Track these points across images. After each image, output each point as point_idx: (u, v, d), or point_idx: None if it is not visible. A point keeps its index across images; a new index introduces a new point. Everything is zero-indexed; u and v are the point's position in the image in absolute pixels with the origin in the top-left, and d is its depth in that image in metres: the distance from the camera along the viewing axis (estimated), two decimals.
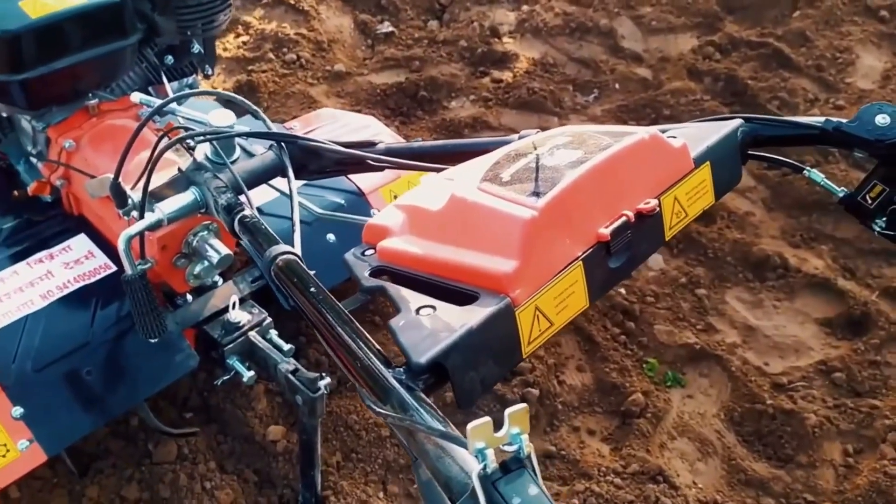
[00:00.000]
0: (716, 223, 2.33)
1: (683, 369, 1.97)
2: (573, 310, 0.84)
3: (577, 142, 0.92)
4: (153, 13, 1.56)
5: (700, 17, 3.14)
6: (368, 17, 3.00)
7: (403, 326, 0.76)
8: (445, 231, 0.84)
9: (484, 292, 0.78)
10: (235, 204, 1.10)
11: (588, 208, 0.85)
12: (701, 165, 0.96)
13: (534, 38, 3.03)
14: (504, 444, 0.61)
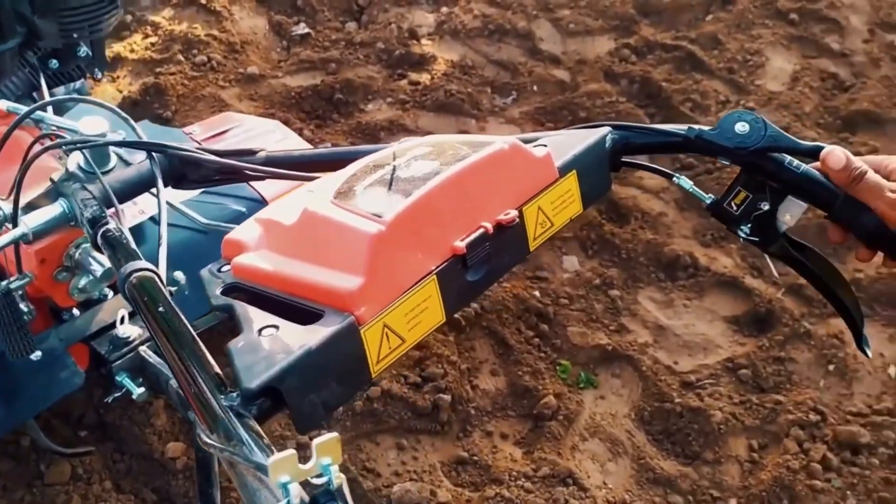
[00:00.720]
0: (629, 224, 2.35)
1: (596, 370, 1.98)
2: (428, 325, 0.81)
3: (435, 152, 0.91)
4: (33, 16, 1.48)
5: (617, 21, 3.18)
6: (284, 17, 2.95)
7: (241, 349, 0.72)
8: (297, 246, 0.82)
9: (329, 310, 0.75)
10: (100, 217, 1.04)
11: (442, 221, 0.83)
12: (567, 174, 0.95)
13: (452, 40, 3.02)
14: (313, 477, 0.59)
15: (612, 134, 1.04)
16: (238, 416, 0.68)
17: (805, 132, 2.59)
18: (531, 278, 2.18)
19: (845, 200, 0.94)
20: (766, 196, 0.99)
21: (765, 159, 0.98)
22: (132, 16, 2.79)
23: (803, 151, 0.98)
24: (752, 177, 0.99)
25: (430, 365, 1.88)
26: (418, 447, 1.78)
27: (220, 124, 1.93)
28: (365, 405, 1.77)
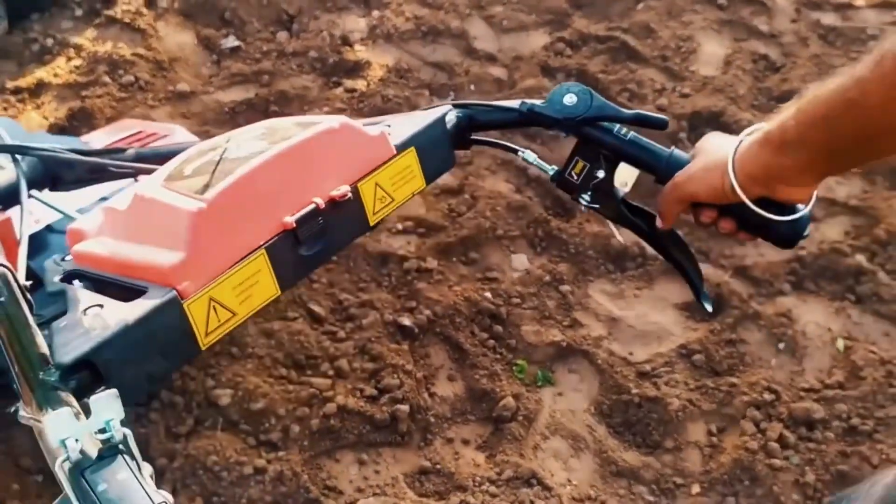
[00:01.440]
0: (575, 217, 2.35)
1: (553, 367, 1.97)
2: (261, 298, 0.85)
3: (267, 134, 0.95)
4: None
5: (550, 15, 3.18)
6: (212, 31, 2.88)
7: (63, 327, 0.75)
8: (129, 229, 0.85)
9: (152, 286, 0.78)
10: None
11: (268, 198, 0.85)
12: (404, 151, 1.00)
13: (386, 43, 2.99)
14: (96, 433, 0.61)
15: (455, 112, 1.10)
16: (53, 389, 0.70)
17: (741, 115, 2.62)
18: (481, 280, 2.16)
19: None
20: (601, 164, 1.05)
21: (595, 128, 1.03)
22: (53, 39, 2.70)
23: (627, 119, 1.04)
24: (588, 147, 1.04)
25: (385, 376, 1.85)
26: (379, 460, 1.75)
27: (120, 131, 1.88)
28: (322, 422, 1.74)
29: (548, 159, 1.14)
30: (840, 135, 0.85)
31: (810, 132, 0.87)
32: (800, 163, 0.90)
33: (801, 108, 0.88)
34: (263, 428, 1.72)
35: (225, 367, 1.81)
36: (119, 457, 0.61)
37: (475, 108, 1.12)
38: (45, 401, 0.68)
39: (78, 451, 0.59)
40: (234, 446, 1.67)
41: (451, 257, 2.21)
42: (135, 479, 0.60)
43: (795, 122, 0.88)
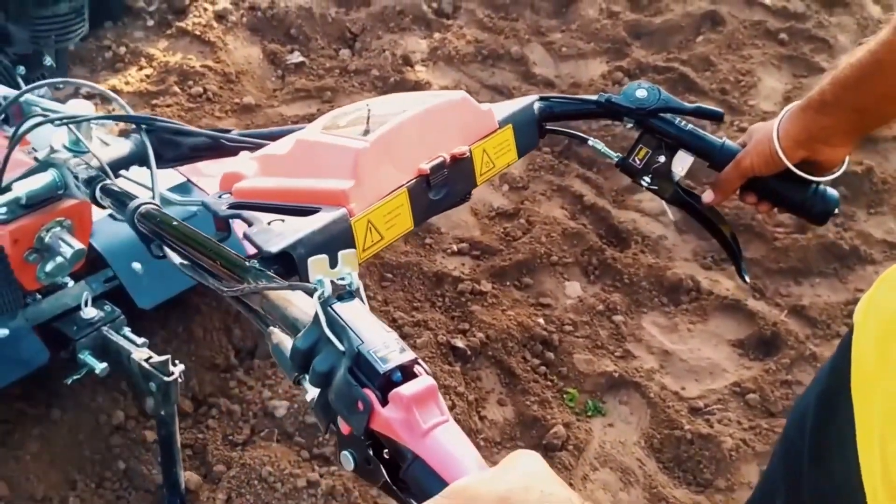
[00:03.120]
0: (630, 248, 2.36)
1: (603, 398, 1.97)
2: (400, 229, 1.00)
3: (401, 101, 1.14)
4: (6, 22, 1.57)
5: (609, 44, 3.20)
6: (278, 46, 2.95)
7: (256, 232, 0.91)
8: (292, 168, 1.01)
9: (325, 207, 0.94)
10: (96, 176, 1.17)
11: (410, 148, 1.03)
12: (504, 127, 1.16)
13: (446, 65, 3.02)
14: (338, 279, 0.73)
15: (538, 102, 1.26)
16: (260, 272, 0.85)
17: None
18: (534, 305, 2.17)
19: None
20: (663, 151, 1.22)
21: (659, 119, 1.20)
22: (126, 47, 2.78)
23: (688, 112, 1.23)
24: (651, 135, 1.22)
25: None
26: None
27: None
28: None
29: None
30: (870, 92, 0.99)
31: (845, 93, 1.01)
32: (837, 122, 1.05)
33: (836, 75, 1.02)
34: (317, 442, 1.74)
35: (281, 380, 1.84)
36: (355, 298, 0.73)
37: (555, 101, 1.27)
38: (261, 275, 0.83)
39: (329, 288, 0.72)
40: (288, 458, 1.69)
41: (504, 281, 2.22)
42: (367, 313, 0.72)
43: (832, 86, 1.03)
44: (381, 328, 0.69)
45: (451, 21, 3.24)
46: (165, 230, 0.97)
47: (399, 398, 0.64)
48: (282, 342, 0.83)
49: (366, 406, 0.65)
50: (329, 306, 0.71)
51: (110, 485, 1.60)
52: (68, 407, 1.65)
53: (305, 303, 0.78)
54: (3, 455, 1.56)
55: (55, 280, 1.50)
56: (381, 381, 0.65)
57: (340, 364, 0.68)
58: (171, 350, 1.82)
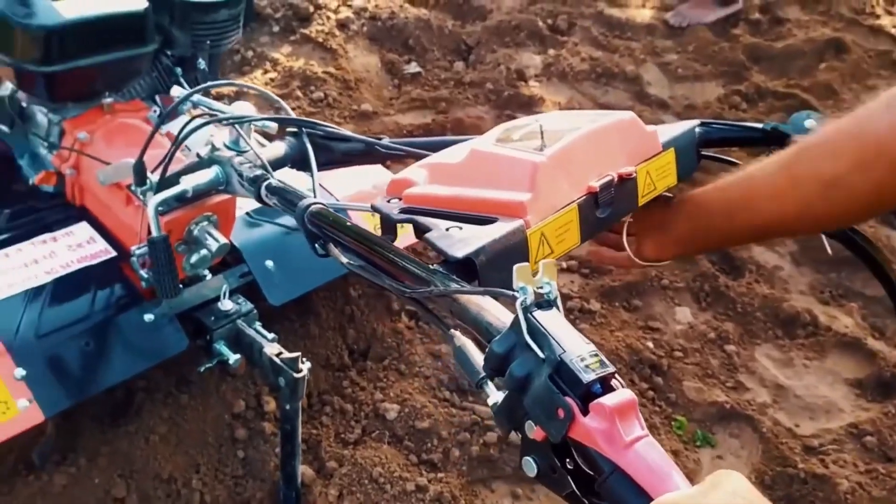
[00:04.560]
0: (744, 277, 2.31)
1: (713, 429, 1.93)
2: (569, 244, 1.01)
3: (571, 117, 1.16)
4: (170, 26, 1.65)
5: (726, 66, 3.15)
6: (396, 56, 3.01)
7: (437, 237, 0.92)
8: (466, 177, 1.02)
9: (502, 217, 0.94)
10: (261, 176, 1.22)
11: (582, 165, 1.03)
12: (667, 150, 1.15)
13: (560, 82, 3.03)
14: (537, 287, 0.74)
15: (699, 127, 1.24)
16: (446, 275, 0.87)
17: None
18: (643, 328, 2.15)
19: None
20: None
21: None
22: (253, 51, 2.89)
23: None
24: None
25: None
26: (533, 497, 1.77)
27: None
28: (482, 450, 1.77)
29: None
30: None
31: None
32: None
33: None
34: (426, 447, 1.77)
35: (393, 383, 1.87)
36: (554, 307, 0.74)
37: (716, 126, 1.26)
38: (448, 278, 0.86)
39: (531, 296, 0.73)
40: (397, 461, 1.72)
41: (613, 301, 2.21)
42: (567, 323, 0.73)
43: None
44: (581, 339, 0.71)
45: (565, 38, 3.25)
46: (338, 230, 1.01)
47: (602, 409, 0.64)
48: (465, 345, 0.85)
49: (567, 414, 0.66)
50: (530, 313, 0.72)
51: (230, 471, 1.66)
52: (195, 393, 1.72)
53: (497, 308, 0.80)
54: (134, 433, 1.64)
55: (197, 271, 1.58)
56: (582, 391, 0.66)
57: (540, 371, 0.69)
58: (288, 345, 1.88)
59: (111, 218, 1.63)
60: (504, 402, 0.74)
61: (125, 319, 1.51)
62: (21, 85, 1.54)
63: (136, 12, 1.55)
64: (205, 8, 1.60)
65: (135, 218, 1.53)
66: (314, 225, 1.04)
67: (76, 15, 1.48)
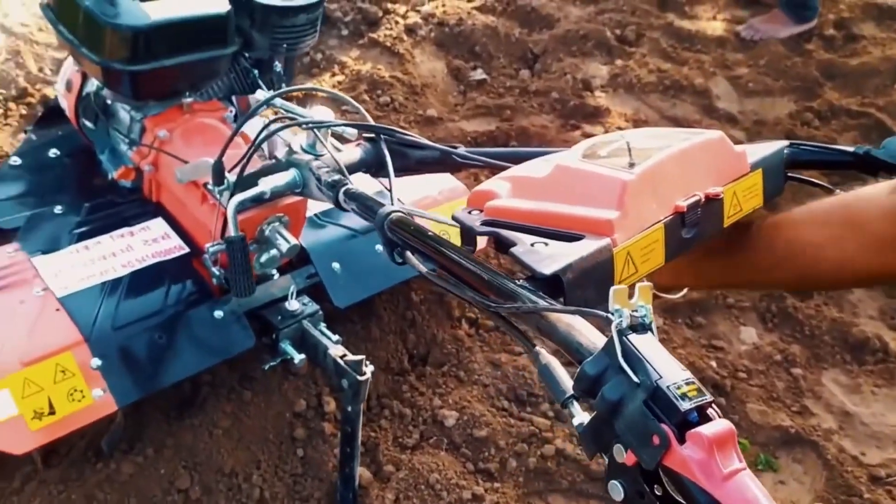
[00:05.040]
0: (813, 299, 2.25)
1: (776, 453, 1.89)
2: (653, 264, 0.99)
3: (660, 135, 1.14)
4: (251, 29, 1.68)
5: (799, 82, 3.08)
6: (462, 62, 3.02)
7: (524, 252, 0.91)
8: (550, 192, 1.02)
9: (588, 235, 0.94)
10: (339, 181, 1.23)
11: (671, 184, 1.02)
12: (755, 171, 1.13)
13: (626, 93, 3.00)
14: (633, 311, 0.74)
15: (787, 148, 1.21)
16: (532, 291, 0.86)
17: None
18: (706, 346, 2.11)
19: None
20: None
21: None
22: (322, 54, 2.92)
23: None
24: None
25: None
26: None
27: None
28: (539, 462, 1.76)
29: None
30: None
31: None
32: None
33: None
34: (483, 456, 1.76)
35: (452, 390, 1.88)
36: (649, 332, 0.74)
37: (805, 148, 1.23)
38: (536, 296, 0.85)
39: (627, 319, 0.73)
40: (454, 468, 1.72)
41: (676, 318, 2.18)
42: (662, 349, 0.72)
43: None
44: (678, 366, 0.70)
45: (633, 49, 3.22)
46: (418, 240, 1.00)
47: (700, 438, 0.63)
48: (551, 363, 0.85)
49: (662, 441, 0.65)
50: (625, 336, 0.72)
51: (289, 469, 1.68)
52: (258, 390, 1.75)
53: (587, 328, 0.80)
54: (198, 426, 1.67)
55: (266, 271, 1.61)
56: (678, 419, 0.65)
57: (634, 396, 0.69)
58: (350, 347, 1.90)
59: (186, 215, 1.66)
60: (591, 424, 0.74)
61: (196, 315, 1.54)
62: (107, 83, 1.58)
63: (219, 14, 1.58)
64: (284, 12, 1.62)
65: (209, 216, 1.56)
66: (394, 233, 1.04)
67: (162, 16, 1.51)
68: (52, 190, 1.76)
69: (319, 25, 1.74)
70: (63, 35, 1.56)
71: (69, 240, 1.60)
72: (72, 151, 1.88)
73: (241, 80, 1.76)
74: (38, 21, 2.69)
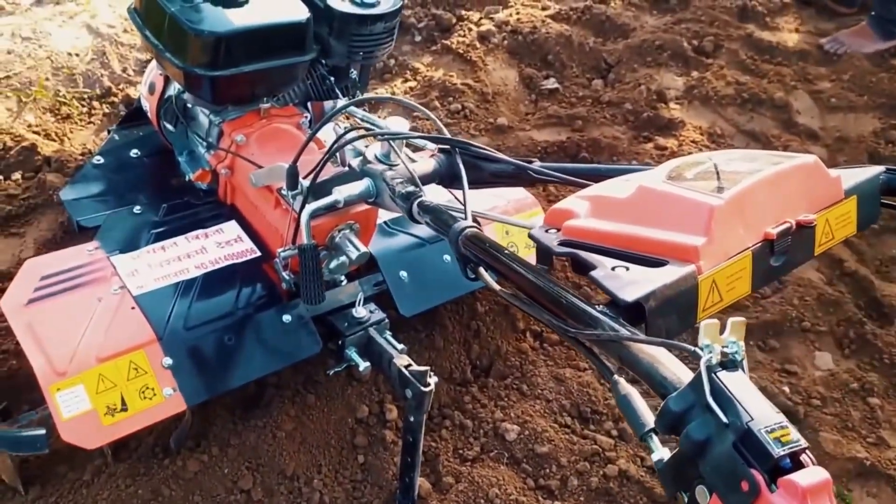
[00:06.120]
0: (894, 325, 2.16)
1: (850, 485, 1.81)
2: (739, 292, 0.96)
3: (750, 157, 1.10)
4: (329, 36, 1.69)
5: (884, 98, 2.97)
6: (534, 71, 2.99)
7: (604, 276, 0.90)
8: (632, 214, 0.99)
9: (673, 261, 0.91)
10: (414, 192, 1.23)
11: (760, 209, 0.98)
12: (849, 197, 1.10)
13: (702, 106, 2.93)
14: (723, 347, 0.71)
15: (885, 174, 1.17)
16: (612, 318, 0.84)
17: None
18: (779, 371, 2.04)
19: None
20: None
21: None
22: (395, 60, 2.94)
23: None
24: None
25: None
26: None
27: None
28: (601, 482, 1.72)
29: None
30: None
31: None
32: None
33: None
34: (544, 472, 1.74)
35: (514, 403, 1.86)
36: (739, 370, 0.72)
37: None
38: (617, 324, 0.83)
39: (717, 355, 0.71)
40: (514, 483, 1.70)
41: (748, 340, 2.11)
42: (754, 388, 0.70)
43: None
44: (770, 407, 0.67)
45: (710, 60, 3.14)
46: (493, 258, 0.99)
47: (793, 487, 0.61)
48: (630, 394, 0.82)
49: (752, 488, 0.62)
50: (714, 373, 0.69)
51: (349, 475, 1.69)
52: (321, 394, 1.76)
53: (671, 360, 0.77)
54: (262, 428, 1.69)
55: (335, 277, 1.62)
56: (770, 465, 0.62)
57: (722, 437, 0.66)
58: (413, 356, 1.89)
59: (258, 219, 1.69)
60: (673, 461, 0.71)
61: (265, 318, 1.56)
62: (188, 86, 1.62)
63: (298, 22, 1.60)
64: (363, 20, 1.63)
65: (281, 221, 1.58)
66: (468, 248, 1.02)
67: (243, 23, 1.54)
68: (131, 189, 1.81)
69: (396, 34, 1.74)
70: (148, 39, 1.60)
71: (146, 240, 1.64)
72: (152, 152, 1.93)
73: (318, 86, 1.78)
74: (124, 23, 2.77)
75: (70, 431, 1.30)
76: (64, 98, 2.45)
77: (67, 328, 1.40)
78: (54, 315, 1.42)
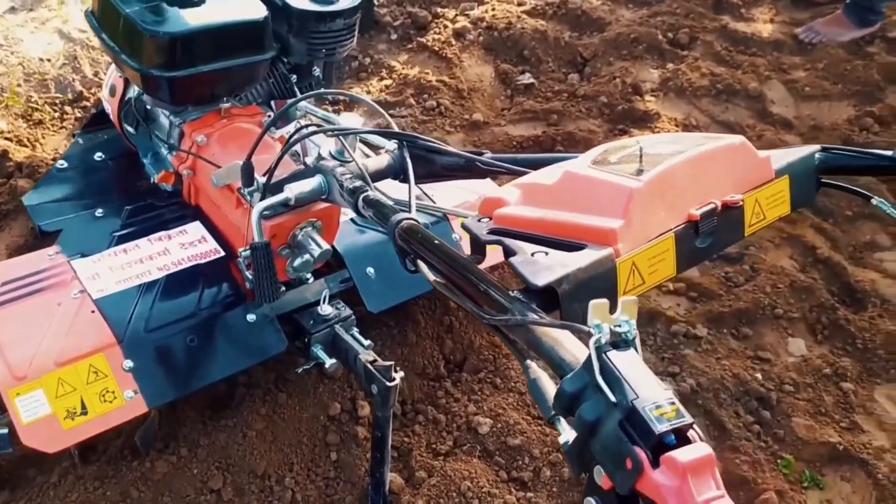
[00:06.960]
0: (867, 310, 2.16)
1: (823, 470, 1.82)
2: (662, 275, 0.96)
3: (675, 140, 1.09)
4: (288, 34, 1.70)
5: (858, 86, 2.97)
6: (510, 66, 2.99)
7: (521, 262, 0.90)
8: (557, 200, 0.99)
9: (591, 244, 0.91)
10: (360, 187, 1.22)
11: (683, 191, 0.98)
12: (780, 177, 1.09)
13: (677, 97, 2.94)
14: (615, 326, 0.71)
15: (819, 153, 1.17)
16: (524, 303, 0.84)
17: None
18: (752, 358, 2.05)
19: None
20: None
21: None
22: (370, 58, 2.94)
23: None
24: None
25: None
26: None
27: None
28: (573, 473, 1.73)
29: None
30: None
31: None
32: None
33: None
34: (517, 465, 1.74)
35: (487, 397, 1.86)
36: (631, 348, 0.71)
37: (839, 153, 1.18)
38: (526, 309, 0.83)
39: (607, 334, 0.71)
40: (487, 476, 1.71)
41: (722, 328, 2.11)
42: (643, 366, 0.70)
43: None
44: (657, 384, 0.67)
45: (685, 52, 3.15)
46: (426, 249, 0.99)
47: (673, 463, 0.60)
48: (539, 378, 0.82)
49: (635, 465, 0.62)
50: (604, 353, 0.69)
51: (322, 472, 1.69)
52: (293, 392, 1.76)
53: (574, 344, 0.77)
54: (232, 427, 1.69)
55: (299, 275, 1.62)
56: (653, 442, 0.62)
57: (610, 416, 0.66)
58: (385, 351, 1.90)
59: (221, 219, 1.69)
60: (575, 444, 0.71)
61: (229, 318, 1.56)
62: (146, 89, 1.62)
63: (255, 21, 1.60)
64: (322, 17, 1.64)
65: (243, 220, 1.58)
66: (404, 240, 1.03)
67: (199, 23, 1.54)
68: (95, 193, 1.81)
69: (357, 30, 1.75)
70: (104, 41, 1.60)
71: (108, 243, 1.64)
72: (116, 155, 1.93)
73: (280, 84, 1.78)
74: None
75: (30, 435, 1.30)
76: (36, 104, 2.45)
77: (27, 333, 1.40)
78: (14, 320, 1.42)
